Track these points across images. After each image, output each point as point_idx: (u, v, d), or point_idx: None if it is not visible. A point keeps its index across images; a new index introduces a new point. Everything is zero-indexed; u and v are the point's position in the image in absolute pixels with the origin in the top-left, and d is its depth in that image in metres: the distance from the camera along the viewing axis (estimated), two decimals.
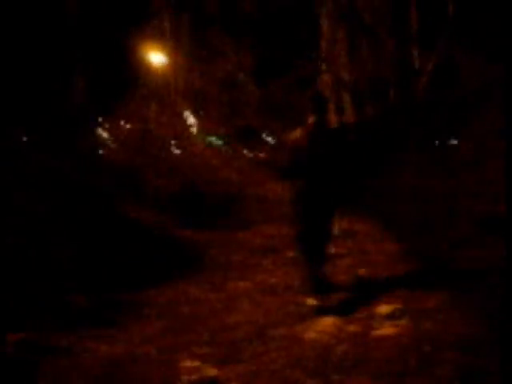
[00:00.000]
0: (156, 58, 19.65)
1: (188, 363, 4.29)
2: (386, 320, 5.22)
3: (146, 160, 10.79)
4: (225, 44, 18.24)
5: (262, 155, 24.13)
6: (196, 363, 4.29)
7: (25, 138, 12.89)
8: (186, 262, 7.59)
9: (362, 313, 5.46)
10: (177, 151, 16.17)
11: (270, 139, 25.71)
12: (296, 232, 6.29)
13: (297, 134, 6.02)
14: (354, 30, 16.18)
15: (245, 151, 26.69)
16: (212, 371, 4.13)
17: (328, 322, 5.31)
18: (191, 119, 28.97)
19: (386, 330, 5.00)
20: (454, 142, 16.16)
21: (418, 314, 5.30)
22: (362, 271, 6.94)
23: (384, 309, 5.39)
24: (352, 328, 5.06)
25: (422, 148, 14.98)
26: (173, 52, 19.17)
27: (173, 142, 15.86)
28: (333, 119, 16.62)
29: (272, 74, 17.71)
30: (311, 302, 5.78)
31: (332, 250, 7.95)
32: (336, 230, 8.91)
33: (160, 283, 6.85)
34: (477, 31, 13.40)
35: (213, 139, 29.66)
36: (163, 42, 19.00)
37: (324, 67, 16.23)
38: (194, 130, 31.94)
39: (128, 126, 15.72)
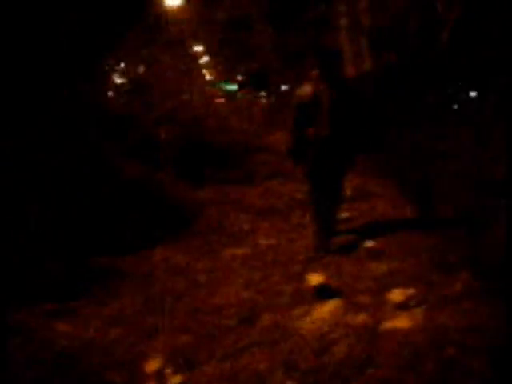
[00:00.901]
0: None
1: (152, 366, 3.45)
2: (398, 310, 4.30)
3: (149, 108, 9.79)
4: None
5: (274, 102, 23.08)
6: (160, 365, 3.45)
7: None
8: (177, 223, 6.68)
9: (370, 298, 4.55)
10: (187, 98, 15.21)
11: (283, 85, 24.55)
12: (307, 192, 6.22)
13: (302, 91, 5.85)
14: None
15: (259, 96, 25.64)
16: (176, 379, 3.29)
17: (329, 307, 4.41)
18: (205, 63, 27.84)
19: (398, 322, 4.08)
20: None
21: (438, 302, 4.37)
22: (370, 244, 5.97)
23: (396, 295, 4.45)
24: (357, 319, 4.13)
25: (439, 101, 13.92)
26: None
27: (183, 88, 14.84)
28: (350, 67, 15.43)
29: (287, 15, 16.45)
30: (314, 279, 4.90)
31: (344, 214, 7.16)
32: (349, 191, 8.03)
33: (144, 248, 5.99)
34: None
35: (226, 85, 28.58)
36: None
37: (342, 9, 14.91)
38: (208, 75, 30.79)
39: (141, 70, 14.72)
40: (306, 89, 5.82)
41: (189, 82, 14.21)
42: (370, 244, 5.94)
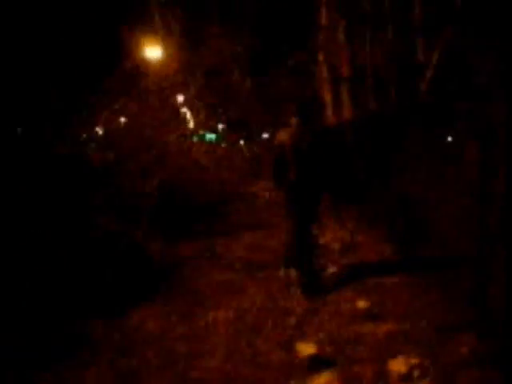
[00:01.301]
0: (151, 52, 18.29)
1: None
2: (401, 382, 3.79)
3: (124, 160, 9.30)
4: (218, 34, 16.74)
5: (256, 150, 22.74)
6: None
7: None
8: (153, 283, 6.12)
9: (369, 369, 4.01)
10: (169, 147, 14.75)
11: (264, 133, 24.26)
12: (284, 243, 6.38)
13: (281, 135, 6.10)
14: (354, 19, 14.65)
15: (240, 145, 25.31)
16: None
17: (323, 381, 3.88)
18: (187, 113, 27.56)
19: None
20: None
21: (444, 372, 3.87)
22: (363, 303, 5.45)
23: (398, 365, 3.93)
24: None
25: (421, 148, 13.65)
26: (166, 45, 17.77)
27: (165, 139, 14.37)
28: (330, 116, 15.17)
29: (266, 64, 16.24)
30: (305, 349, 4.36)
31: (332, 268, 6.70)
32: (336, 244, 7.58)
33: (118, 312, 5.39)
34: (490, 20, 11.96)
35: (207, 134, 28.25)
36: (157, 37, 17.71)
37: (321, 58, 14.70)
38: (190, 124, 30.46)
39: (122, 121, 14.28)
40: (284, 134, 6.07)
41: (167, 133, 13.77)
42: (362, 304, 5.43)
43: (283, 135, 6.05)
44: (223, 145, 21.68)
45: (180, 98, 23.37)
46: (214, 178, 13.32)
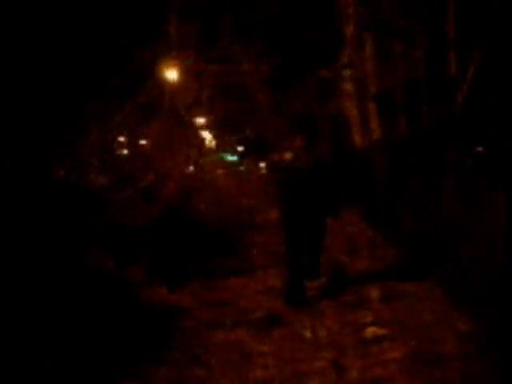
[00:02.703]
0: (169, 73, 16.87)
1: None
2: None
3: (128, 183, 7.88)
4: (237, 51, 15.31)
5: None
6: None
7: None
8: (146, 347, 4.60)
9: None
10: (187, 171, 13.34)
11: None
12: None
13: (286, 156, 5.92)
14: (383, 33, 13.13)
15: (261, 167, 23.84)
16: None
17: None
18: (207, 135, 26.26)
19: None
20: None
21: None
22: None
23: None
24: None
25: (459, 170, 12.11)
26: (184, 65, 16.38)
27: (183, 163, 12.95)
28: (357, 135, 13.61)
29: (288, 83, 14.74)
30: None
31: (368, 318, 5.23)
32: (375, 291, 6.03)
33: None
34: None
35: (227, 155, 26.85)
36: (174, 57, 16.36)
37: (347, 74, 13.17)
38: (211, 145, 29.17)
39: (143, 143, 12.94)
40: (287, 156, 5.89)
41: (182, 153, 12.32)
42: None
43: (287, 156, 5.89)
44: (242, 167, 20.29)
45: (201, 120, 22.13)
46: (231, 203, 11.85)
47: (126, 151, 13.44)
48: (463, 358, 4.20)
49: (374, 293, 5.82)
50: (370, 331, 4.74)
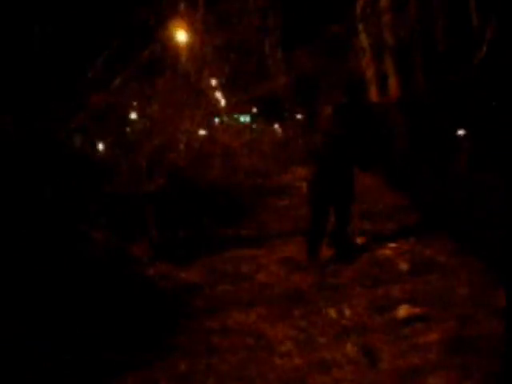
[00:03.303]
0: (179, 35, 15.92)
1: None
2: None
3: (131, 151, 7.23)
4: (247, 7, 14.43)
5: (291, 133, 20.48)
6: None
7: None
8: (153, 332, 4.08)
9: None
10: (197, 134, 12.64)
11: (299, 115, 21.93)
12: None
13: (325, 112, 5.75)
14: None
15: (275, 127, 23.07)
16: None
17: None
18: (218, 96, 25.37)
19: None
20: None
21: None
22: None
23: None
24: None
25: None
26: (194, 27, 15.48)
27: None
28: (373, 92, 12.83)
29: (300, 38, 13.92)
30: None
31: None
32: (405, 263, 5.42)
33: (109, 376, 3.43)
34: None
35: (240, 117, 26.04)
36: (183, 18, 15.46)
37: (361, 27, 12.34)
38: (223, 106, 28.27)
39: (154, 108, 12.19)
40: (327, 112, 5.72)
41: (192, 116, 11.60)
42: None
43: (326, 113, 5.70)
44: (255, 127, 19.52)
45: (212, 81, 21.28)
46: (244, 166, 11.22)
47: (133, 115, 12.77)
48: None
49: (403, 265, 5.24)
50: (402, 311, 4.16)
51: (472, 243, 5.73)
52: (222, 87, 22.36)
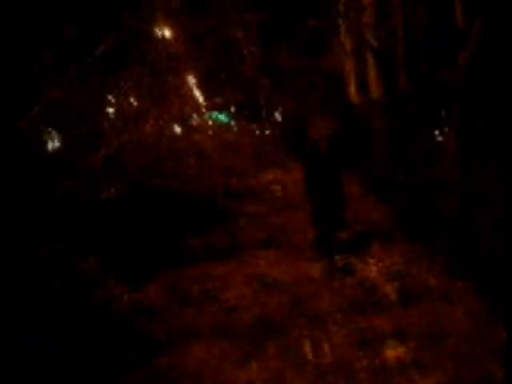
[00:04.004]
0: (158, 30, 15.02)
1: None
2: None
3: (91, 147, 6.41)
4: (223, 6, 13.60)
5: (268, 132, 19.75)
6: None
7: None
8: (97, 371, 3.30)
9: None
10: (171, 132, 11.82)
11: (277, 113, 21.19)
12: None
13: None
14: None
15: (253, 127, 22.29)
16: None
17: None
18: (197, 94, 24.52)
19: None
20: None
21: None
22: None
23: None
24: None
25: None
26: (173, 22, 14.61)
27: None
28: (355, 93, 12.13)
29: (278, 35, 13.14)
30: None
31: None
32: (390, 287, 4.70)
33: None
34: None
35: (218, 115, 25.19)
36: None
37: (343, 25, 11.59)
38: (201, 104, 27.43)
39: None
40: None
41: (166, 113, 10.77)
42: None
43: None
44: (233, 125, 18.75)
45: (191, 79, 20.42)
46: (219, 166, 10.45)
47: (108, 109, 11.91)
48: None
49: (391, 289, 4.52)
50: (391, 350, 3.44)
51: (464, 261, 5.07)
52: (199, 84, 21.48)
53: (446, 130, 11.39)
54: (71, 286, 4.22)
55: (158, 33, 14.04)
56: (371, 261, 5.21)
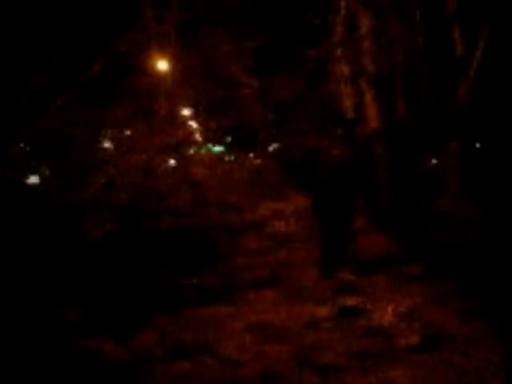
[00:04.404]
0: (158, 64, 14.68)
1: None
2: None
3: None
4: (218, 35, 13.27)
5: (265, 163, 19.31)
6: None
7: None
8: None
9: None
10: (166, 165, 11.36)
11: (274, 145, 20.76)
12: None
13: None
14: (379, 8, 11.21)
15: (246, 158, 21.89)
16: None
17: None
18: (193, 126, 24.16)
19: None
20: None
21: None
22: None
23: None
24: None
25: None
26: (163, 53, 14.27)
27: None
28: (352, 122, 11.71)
29: (275, 66, 12.81)
30: None
31: None
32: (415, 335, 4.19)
33: None
34: None
35: (213, 147, 24.76)
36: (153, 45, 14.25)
37: (340, 54, 11.24)
38: (197, 137, 26.99)
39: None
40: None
41: (160, 146, 10.34)
42: None
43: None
44: (228, 158, 18.34)
45: (185, 111, 20.05)
46: (215, 199, 10.01)
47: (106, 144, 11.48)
48: None
49: (405, 338, 4.00)
50: None
51: (485, 301, 4.59)
52: (195, 117, 21.12)
53: (447, 158, 11.03)
54: (51, 338, 3.70)
55: (151, 62, 13.68)
56: (382, 302, 4.71)
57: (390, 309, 4.54)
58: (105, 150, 6.97)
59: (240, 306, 4.98)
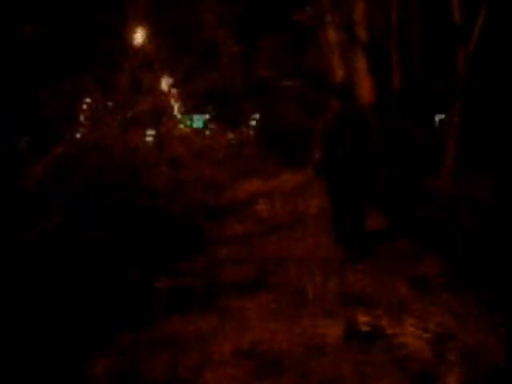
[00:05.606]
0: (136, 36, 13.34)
1: None
2: None
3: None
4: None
5: (246, 136, 18.15)
6: None
7: None
8: None
9: None
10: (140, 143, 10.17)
11: (256, 115, 19.54)
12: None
13: (323, 121, 5.63)
14: None
15: (228, 132, 20.72)
16: None
17: None
18: (172, 98, 22.76)
19: None
20: None
21: None
22: None
23: None
24: None
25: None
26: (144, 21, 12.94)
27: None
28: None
29: (260, 31, 11.60)
30: None
31: None
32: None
33: None
34: None
35: (193, 120, 23.43)
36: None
37: (329, 19, 10.06)
38: (175, 109, 25.58)
39: None
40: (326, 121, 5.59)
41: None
42: None
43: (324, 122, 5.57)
44: (208, 132, 17.16)
45: (164, 83, 18.74)
46: (194, 177, 8.87)
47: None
48: None
49: (434, 359, 2.98)
50: None
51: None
52: (172, 86, 19.60)
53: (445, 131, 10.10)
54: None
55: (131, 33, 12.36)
56: (403, 318, 3.65)
57: (412, 326, 3.48)
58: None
59: (222, 317, 3.89)
